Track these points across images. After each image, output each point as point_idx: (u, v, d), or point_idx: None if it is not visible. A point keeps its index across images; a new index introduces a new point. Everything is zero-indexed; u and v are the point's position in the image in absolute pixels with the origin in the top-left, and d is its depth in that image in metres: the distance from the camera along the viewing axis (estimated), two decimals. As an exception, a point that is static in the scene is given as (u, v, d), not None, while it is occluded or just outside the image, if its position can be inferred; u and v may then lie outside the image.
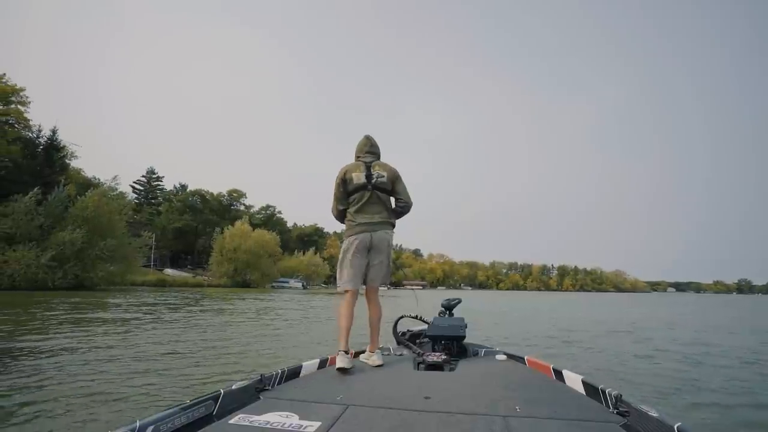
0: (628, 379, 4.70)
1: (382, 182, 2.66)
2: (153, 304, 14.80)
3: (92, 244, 25.84)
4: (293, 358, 5.22)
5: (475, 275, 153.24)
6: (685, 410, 3.51)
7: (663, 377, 4.87)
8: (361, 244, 2.61)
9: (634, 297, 67.50)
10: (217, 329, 8.48)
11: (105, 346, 5.91)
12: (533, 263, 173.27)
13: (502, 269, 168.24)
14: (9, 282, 22.39)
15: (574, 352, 6.69)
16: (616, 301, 40.39)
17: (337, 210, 2.76)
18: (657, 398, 3.84)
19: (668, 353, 6.89)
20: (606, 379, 4.55)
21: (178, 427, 1.33)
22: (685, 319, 15.97)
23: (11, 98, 28.63)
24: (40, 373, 4.14)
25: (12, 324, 7.96)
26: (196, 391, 3.58)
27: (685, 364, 5.93)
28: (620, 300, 43.87)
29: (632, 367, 5.54)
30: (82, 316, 10.15)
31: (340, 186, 2.67)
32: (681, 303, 37.45)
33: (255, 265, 47.43)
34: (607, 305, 28.18)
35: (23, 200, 24.02)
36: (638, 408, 1.49)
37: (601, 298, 49.83)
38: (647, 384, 4.45)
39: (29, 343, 5.83)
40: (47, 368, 4.33)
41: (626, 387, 4.22)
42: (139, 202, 60.91)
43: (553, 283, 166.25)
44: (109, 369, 4.44)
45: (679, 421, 1.29)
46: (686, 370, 5.45)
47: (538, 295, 64.94)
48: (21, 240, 23.60)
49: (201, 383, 3.95)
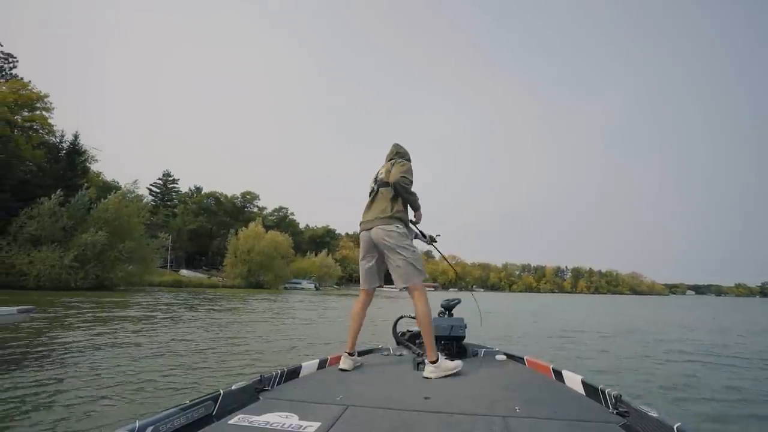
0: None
1: (382, 178, 2.59)
2: (172, 304, 15.25)
3: (112, 246, 26.58)
4: (309, 354, 5.44)
5: (488, 277, 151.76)
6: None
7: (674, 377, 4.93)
8: (363, 244, 2.56)
9: (650, 300, 66.16)
10: (237, 327, 8.79)
11: (146, 342, 6.25)
12: (547, 265, 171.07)
13: (515, 271, 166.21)
14: (35, 282, 23.19)
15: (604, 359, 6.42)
16: (630, 303, 39.76)
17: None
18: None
19: (678, 354, 6.93)
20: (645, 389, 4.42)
21: (178, 427, 1.33)
22: (703, 321, 15.74)
23: (36, 104, 29.65)
24: (80, 365, 4.44)
25: (59, 321, 8.39)
26: (210, 387, 3.70)
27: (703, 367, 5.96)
28: (636, 302, 43.14)
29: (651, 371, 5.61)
30: (111, 314, 10.58)
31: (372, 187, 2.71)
32: (698, 305, 36.69)
33: (268, 267, 47.92)
34: (622, 307, 27.81)
35: (47, 203, 24.84)
36: (638, 408, 1.49)
37: (615, 301, 49.05)
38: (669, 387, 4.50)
39: (72, 339, 6.20)
40: (88, 362, 4.64)
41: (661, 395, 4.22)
42: (155, 204, 62.18)
43: (567, 285, 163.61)
44: (146, 363, 4.73)
45: (678, 422, 1.29)
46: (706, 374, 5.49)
47: (552, 297, 64.13)
48: (45, 241, 24.41)
49: (234, 374, 4.17)
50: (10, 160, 27.50)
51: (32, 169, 29.41)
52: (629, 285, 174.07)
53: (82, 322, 8.45)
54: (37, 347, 5.37)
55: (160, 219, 54.11)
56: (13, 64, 32.29)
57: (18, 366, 4.28)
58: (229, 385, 1.71)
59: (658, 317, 17.55)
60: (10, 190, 25.93)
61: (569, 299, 50.82)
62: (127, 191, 30.50)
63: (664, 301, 59.35)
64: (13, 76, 31.24)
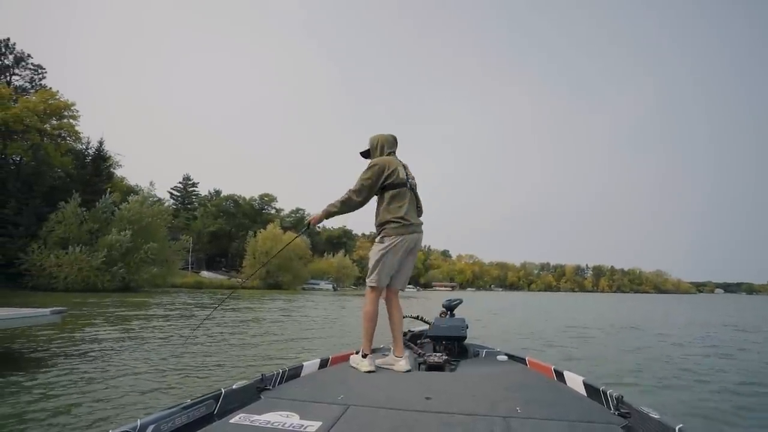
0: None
1: (415, 185, 2.66)
2: (202, 305, 15.62)
3: (136, 247, 27.43)
4: (320, 350, 5.51)
5: (506, 276, 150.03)
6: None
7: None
8: (410, 245, 2.53)
9: (675, 299, 64.12)
10: (266, 325, 8.99)
11: (169, 340, 6.44)
12: (566, 263, 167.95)
13: (534, 270, 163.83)
14: (64, 284, 24.14)
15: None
16: (660, 302, 38.61)
17: (359, 200, 2.53)
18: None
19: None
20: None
21: (179, 426, 1.34)
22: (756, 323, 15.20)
23: (64, 113, 30.80)
24: (110, 361, 4.62)
25: (89, 321, 8.73)
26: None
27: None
28: (666, 301, 41.90)
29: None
30: (135, 313, 10.93)
31: (379, 177, 2.51)
32: (745, 306, 35.21)
33: (286, 268, 48.46)
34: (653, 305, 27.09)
35: (69, 205, 25.73)
36: (639, 409, 1.48)
37: (636, 300, 47.73)
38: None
39: (97, 337, 6.44)
40: (116, 358, 4.83)
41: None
42: (176, 207, 63.78)
43: (588, 284, 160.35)
44: (167, 361, 4.89)
45: (680, 423, 1.28)
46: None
47: (573, 297, 62.93)
48: (72, 244, 25.30)
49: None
50: (40, 167, 28.71)
51: (61, 175, 30.63)
52: (653, 283, 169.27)
53: (106, 322, 8.79)
54: (66, 346, 5.61)
55: (181, 222, 55.55)
56: (42, 75, 33.69)
57: (47, 363, 4.49)
58: (230, 384, 1.71)
59: (705, 317, 17.01)
60: (41, 196, 27.09)
61: (591, 298, 49.74)
62: (148, 194, 31.40)
63: (690, 300, 57.37)
64: (41, 86, 32.59)
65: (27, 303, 11.93)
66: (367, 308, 2.49)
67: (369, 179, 2.51)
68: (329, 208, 2.57)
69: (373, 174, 2.51)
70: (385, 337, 2.63)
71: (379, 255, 2.49)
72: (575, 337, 8.98)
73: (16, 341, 5.86)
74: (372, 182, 2.51)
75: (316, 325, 10.19)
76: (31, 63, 33.11)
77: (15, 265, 24.06)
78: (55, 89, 30.86)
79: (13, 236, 24.98)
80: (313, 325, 10.17)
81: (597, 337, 9.17)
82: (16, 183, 27.07)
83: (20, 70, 32.80)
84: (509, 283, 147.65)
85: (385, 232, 2.51)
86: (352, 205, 2.55)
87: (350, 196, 2.52)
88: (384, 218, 2.52)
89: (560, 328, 10.78)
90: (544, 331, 9.96)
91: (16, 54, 32.23)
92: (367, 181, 2.51)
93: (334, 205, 2.56)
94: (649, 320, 14.63)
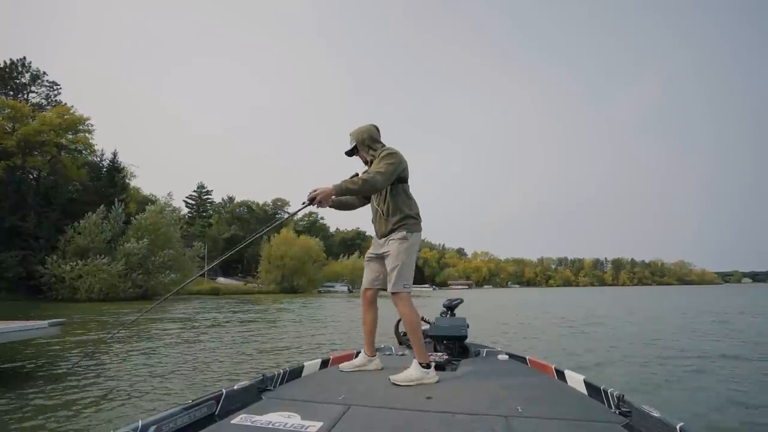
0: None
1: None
2: (223, 310, 15.68)
3: (154, 254, 27.90)
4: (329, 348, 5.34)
5: (523, 272, 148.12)
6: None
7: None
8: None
9: (699, 290, 62.06)
10: (286, 327, 8.87)
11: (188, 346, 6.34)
12: (584, 257, 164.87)
13: (551, 265, 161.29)
14: (86, 294, 24.47)
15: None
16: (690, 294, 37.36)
17: (384, 184, 2.28)
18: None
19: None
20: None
21: (181, 426, 1.34)
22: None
23: (79, 127, 31.51)
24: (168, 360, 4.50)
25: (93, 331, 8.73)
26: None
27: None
28: (695, 293, 40.54)
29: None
30: (152, 318, 10.94)
31: (400, 166, 2.32)
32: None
33: (301, 271, 48.77)
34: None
35: (92, 217, 26.37)
36: (640, 408, 1.47)
37: (657, 292, 46.35)
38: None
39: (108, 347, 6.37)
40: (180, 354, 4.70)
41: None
42: (191, 215, 64.77)
43: (607, 278, 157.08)
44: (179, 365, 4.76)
45: (681, 422, 1.28)
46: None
47: (593, 291, 61.54)
48: (92, 254, 25.73)
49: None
50: (57, 181, 29.40)
51: (78, 188, 31.29)
52: (676, 275, 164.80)
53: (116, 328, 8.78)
54: (60, 359, 5.52)
55: (196, 229, 56.35)
56: (57, 91, 34.60)
57: (41, 377, 4.38)
58: (231, 384, 1.71)
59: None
60: (59, 208, 27.69)
61: (611, 292, 48.56)
62: (164, 204, 31.88)
63: (716, 291, 55.49)
64: (57, 102, 33.44)
65: (40, 315, 12.04)
66: (413, 317, 2.28)
67: (394, 164, 2.27)
68: (346, 184, 2.20)
69: (397, 161, 2.29)
70: (385, 337, 2.53)
71: (406, 254, 2.28)
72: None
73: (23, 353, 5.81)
74: (395, 169, 2.28)
75: (343, 327, 10.10)
76: (47, 80, 34.07)
77: (35, 277, 24.57)
78: (70, 104, 31.66)
79: (34, 249, 25.54)
80: (341, 327, 10.06)
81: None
82: (35, 197, 27.74)
83: (36, 87, 33.78)
84: (526, 279, 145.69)
85: (406, 229, 2.31)
86: (375, 187, 2.25)
87: (376, 177, 2.21)
88: (404, 213, 2.33)
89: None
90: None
91: (33, 72, 33.16)
92: (391, 166, 2.26)
93: (354, 182, 2.21)
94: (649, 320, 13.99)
